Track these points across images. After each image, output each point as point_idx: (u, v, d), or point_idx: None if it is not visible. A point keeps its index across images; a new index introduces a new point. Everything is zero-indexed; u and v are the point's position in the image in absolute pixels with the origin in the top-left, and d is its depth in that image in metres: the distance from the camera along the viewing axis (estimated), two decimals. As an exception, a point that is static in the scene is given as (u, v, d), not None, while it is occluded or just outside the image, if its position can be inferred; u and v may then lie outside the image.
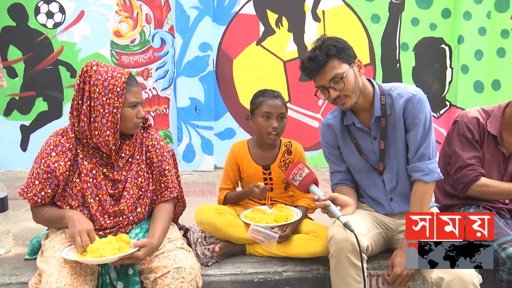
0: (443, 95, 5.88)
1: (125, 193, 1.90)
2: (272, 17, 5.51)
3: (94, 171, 1.87)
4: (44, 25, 5.18)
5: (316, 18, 5.58)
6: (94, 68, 1.81)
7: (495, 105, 2.30)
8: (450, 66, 5.83)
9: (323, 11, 5.58)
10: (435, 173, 1.99)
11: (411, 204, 2.00)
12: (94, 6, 5.23)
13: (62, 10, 5.19)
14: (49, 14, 5.17)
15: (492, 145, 2.25)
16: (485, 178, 2.20)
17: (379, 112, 2.01)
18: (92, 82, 1.79)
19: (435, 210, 2.17)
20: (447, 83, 5.88)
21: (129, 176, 1.92)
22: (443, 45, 5.81)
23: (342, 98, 1.95)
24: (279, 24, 5.53)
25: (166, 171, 2.01)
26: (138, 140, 1.98)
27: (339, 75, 1.91)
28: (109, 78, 1.79)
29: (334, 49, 1.90)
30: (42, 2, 5.14)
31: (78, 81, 1.81)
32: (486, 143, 2.25)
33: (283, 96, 2.38)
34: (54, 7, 5.17)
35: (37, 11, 5.15)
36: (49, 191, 1.85)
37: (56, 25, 5.19)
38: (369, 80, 2.07)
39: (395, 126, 2.02)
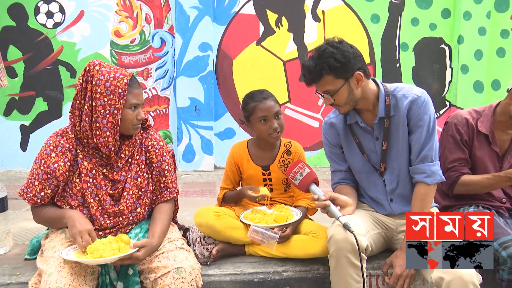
0: (443, 95, 5.88)
1: (125, 193, 1.90)
2: (272, 17, 5.51)
3: (94, 171, 1.87)
4: (44, 25, 5.18)
5: (316, 18, 5.58)
6: (97, 68, 1.81)
7: (486, 105, 2.34)
8: (450, 66, 5.84)
9: (323, 11, 5.58)
10: (437, 175, 1.99)
11: (413, 206, 2.00)
12: (94, 6, 5.23)
13: (62, 10, 5.19)
14: (49, 14, 5.17)
15: (484, 144, 2.28)
16: (467, 175, 2.25)
17: (383, 113, 2.01)
18: (94, 82, 1.79)
19: (435, 210, 2.17)
20: (447, 83, 5.88)
21: (129, 176, 1.92)
22: (443, 45, 5.81)
23: (336, 106, 2.00)
24: (279, 24, 5.53)
25: (166, 171, 2.01)
26: (138, 141, 1.98)
27: (330, 92, 1.93)
28: (111, 79, 1.79)
29: (327, 68, 1.88)
30: (42, 2, 5.14)
31: (80, 81, 1.81)
32: (477, 142, 2.27)
33: (273, 94, 2.33)
34: (54, 7, 5.17)
35: (37, 11, 5.15)
36: (49, 191, 1.85)
37: (56, 25, 5.20)
38: (374, 80, 2.06)
39: (398, 127, 2.02)
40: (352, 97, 1.95)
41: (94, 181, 1.86)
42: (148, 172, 1.99)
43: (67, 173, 1.85)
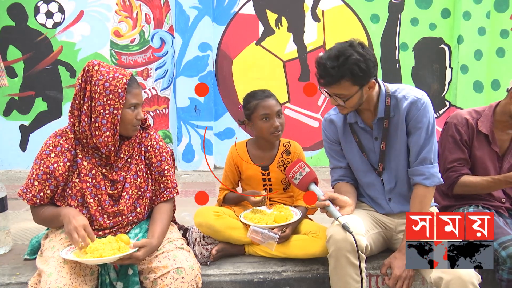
0: (443, 95, 5.88)
1: (124, 193, 1.90)
2: (271, 17, 5.51)
3: (93, 171, 1.86)
4: (44, 25, 5.17)
5: (315, 18, 5.57)
6: (96, 68, 1.80)
7: (486, 105, 2.34)
8: (450, 66, 5.83)
9: (323, 11, 5.58)
10: (435, 177, 1.99)
11: (411, 207, 2.00)
12: (94, 6, 5.23)
13: (61, 10, 5.18)
14: (49, 14, 5.16)
15: (484, 144, 2.28)
16: (466, 176, 2.25)
17: (383, 113, 2.01)
18: (93, 82, 1.78)
19: (435, 210, 2.17)
20: (446, 83, 5.88)
21: (128, 176, 1.92)
22: (442, 45, 5.81)
23: (341, 107, 1.99)
24: (279, 24, 5.53)
25: (165, 171, 2.00)
26: (137, 141, 1.98)
27: (344, 97, 1.90)
28: (111, 79, 1.79)
29: (350, 74, 1.83)
30: (42, 2, 5.14)
31: (79, 81, 1.81)
32: (476, 142, 2.28)
33: (275, 94, 2.34)
34: (53, 7, 5.16)
35: (36, 11, 5.14)
36: (48, 191, 1.85)
37: (56, 25, 5.19)
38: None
39: (397, 128, 2.01)
40: (360, 102, 1.95)
41: (94, 181, 1.86)
42: (148, 172, 1.99)
43: (66, 173, 1.85)
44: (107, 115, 1.79)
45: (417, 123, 1.97)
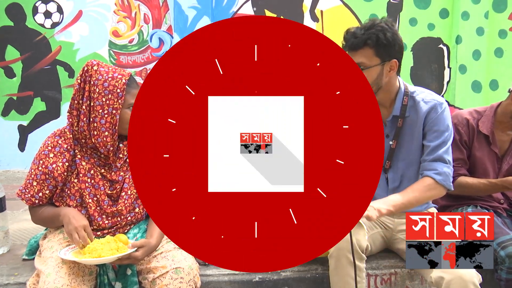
0: (441, 95, 5.88)
1: (123, 193, 1.90)
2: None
3: (92, 171, 1.86)
4: (42, 25, 5.17)
5: (314, 18, 5.58)
6: (95, 67, 1.80)
7: (488, 106, 2.34)
8: (448, 66, 5.84)
9: (321, 11, 5.58)
10: (447, 177, 1.94)
11: (407, 190, 1.91)
12: (92, 6, 5.22)
13: (60, 10, 5.18)
14: (47, 14, 5.16)
15: (484, 144, 2.28)
16: (464, 177, 2.25)
17: (398, 112, 2.00)
18: (92, 82, 1.78)
19: (434, 210, 2.17)
20: (445, 83, 5.88)
21: (127, 176, 1.91)
22: (441, 45, 5.81)
23: None
24: (278, 24, 5.53)
25: (165, 171, 2.00)
26: (137, 140, 1.97)
27: (363, 65, 1.87)
28: (110, 79, 1.78)
29: (374, 39, 1.85)
30: (40, 2, 5.13)
31: (78, 81, 1.81)
32: (476, 143, 2.28)
33: None
34: (52, 7, 5.16)
35: (35, 11, 5.14)
36: (47, 192, 1.84)
37: (54, 25, 5.18)
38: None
39: (412, 129, 2.01)
40: (378, 81, 1.92)
41: (92, 181, 1.86)
42: (147, 172, 1.98)
43: (65, 173, 1.84)
44: (106, 115, 1.79)
45: (434, 125, 1.97)
